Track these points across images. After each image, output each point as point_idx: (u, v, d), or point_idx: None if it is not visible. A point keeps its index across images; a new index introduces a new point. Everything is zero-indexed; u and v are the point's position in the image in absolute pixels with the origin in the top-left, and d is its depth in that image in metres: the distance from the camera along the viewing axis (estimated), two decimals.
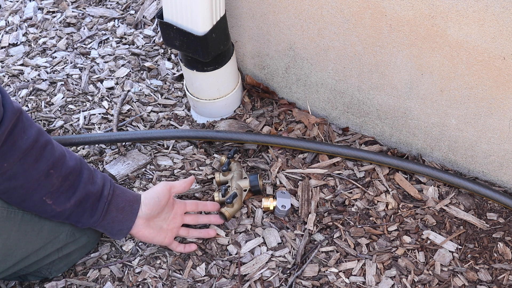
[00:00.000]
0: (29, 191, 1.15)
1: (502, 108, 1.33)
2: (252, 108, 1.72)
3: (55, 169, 1.15)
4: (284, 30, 1.54)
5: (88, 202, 1.21)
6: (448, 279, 1.35)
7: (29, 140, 1.12)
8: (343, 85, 1.56)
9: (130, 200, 1.27)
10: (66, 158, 1.18)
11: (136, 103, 1.75)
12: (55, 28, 2.00)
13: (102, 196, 1.22)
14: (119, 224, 1.26)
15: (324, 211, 1.47)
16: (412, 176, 1.54)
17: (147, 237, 1.31)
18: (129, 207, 1.26)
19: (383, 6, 1.31)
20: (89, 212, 1.22)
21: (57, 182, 1.16)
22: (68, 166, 1.18)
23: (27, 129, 1.12)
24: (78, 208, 1.20)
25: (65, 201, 1.18)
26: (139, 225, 1.28)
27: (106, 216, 1.24)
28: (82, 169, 1.20)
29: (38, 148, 1.13)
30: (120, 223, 1.26)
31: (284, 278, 1.36)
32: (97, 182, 1.22)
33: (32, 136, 1.12)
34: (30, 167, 1.13)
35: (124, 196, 1.26)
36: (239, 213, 1.47)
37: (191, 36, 1.44)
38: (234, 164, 1.52)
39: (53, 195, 1.17)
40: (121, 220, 1.26)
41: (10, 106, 1.08)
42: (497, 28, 1.19)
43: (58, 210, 1.19)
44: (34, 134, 1.13)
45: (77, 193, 1.19)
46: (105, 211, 1.23)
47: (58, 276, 1.38)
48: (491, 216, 1.45)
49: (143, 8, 2.02)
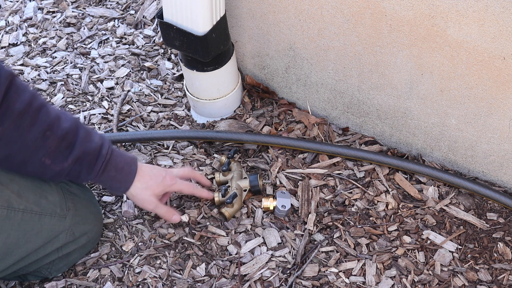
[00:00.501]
0: (27, 154, 1.16)
1: (502, 108, 1.33)
2: (252, 108, 1.72)
3: (52, 131, 1.16)
4: (284, 30, 1.54)
5: (86, 159, 1.22)
6: (448, 279, 1.35)
7: (23, 103, 1.12)
8: (343, 85, 1.56)
9: (128, 162, 1.30)
10: (61, 119, 1.19)
11: (136, 103, 1.75)
12: (55, 28, 2.00)
13: (100, 155, 1.24)
14: (117, 183, 1.30)
15: (324, 211, 1.47)
16: (412, 176, 1.54)
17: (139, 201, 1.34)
18: (128, 168, 1.30)
19: (383, 6, 1.31)
20: (87, 169, 1.24)
21: (54, 143, 1.17)
22: (64, 127, 1.19)
23: (20, 93, 1.12)
24: (76, 166, 1.22)
25: (63, 160, 1.20)
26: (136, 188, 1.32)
27: (103, 174, 1.26)
28: (78, 129, 1.21)
29: (33, 111, 1.14)
30: (118, 182, 1.30)
31: (284, 278, 1.36)
32: (95, 141, 1.24)
33: (26, 99, 1.13)
34: (26, 130, 1.14)
35: (123, 157, 1.29)
36: (239, 213, 1.47)
37: (191, 36, 1.44)
38: (234, 164, 1.52)
39: (51, 155, 1.18)
40: (119, 180, 1.29)
41: (2, 71, 1.08)
42: (497, 28, 1.19)
43: (57, 169, 1.21)
44: (28, 97, 1.13)
45: (74, 151, 1.20)
46: (102, 169, 1.25)
47: (58, 276, 1.37)
48: (491, 216, 1.45)
49: (143, 8, 2.02)
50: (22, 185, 1.25)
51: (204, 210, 1.48)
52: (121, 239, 1.44)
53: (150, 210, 1.37)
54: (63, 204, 1.31)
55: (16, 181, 1.24)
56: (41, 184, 1.29)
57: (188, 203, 1.50)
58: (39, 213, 1.26)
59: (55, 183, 1.33)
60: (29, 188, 1.26)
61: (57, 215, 1.29)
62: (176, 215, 1.41)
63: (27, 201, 1.24)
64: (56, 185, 1.32)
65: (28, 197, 1.24)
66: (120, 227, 1.47)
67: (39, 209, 1.25)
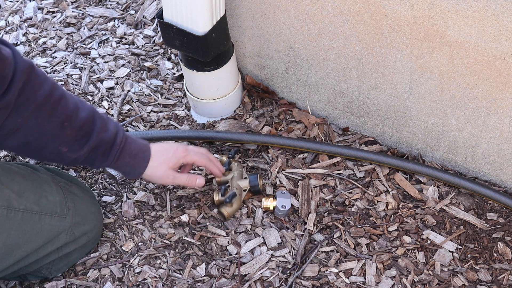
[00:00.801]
0: (45, 142, 1.19)
1: (502, 108, 1.33)
2: (252, 108, 1.72)
3: (69, 121, 1.19)
4: (284, 30, 1.54)
5: (102, 148, 1.25)
6: (448, 279, 1.35)
7: (43, 95, 1.15)
8: (343, 85, 1.56)
9: (141, 148, 1.33)
10: (79, 110, 1.21)
11: (136, 103, 1.75)
12: (55, 28, 2.00)
13: (115, 143, 1.26)
14: (131, 168, 1.32)
15: (324, 211, 1.47)
16: (412, 176, 1.54)
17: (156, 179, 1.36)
18: (142, 154, 1.32)
19: (383, 6, 1.31)
20: (102, 157, 1.27)
21: (72, 133, 1.20)
22: (81, 117, 1.21)
23: (40, 85, 1.15)
24: (91, 154, 1.25)
25: (79, 149, 1.22)
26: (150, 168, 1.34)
27: (118, 161, 1.29)
28: (95, 118, 1.24)
29: (52, 103, 1.16)
30: (132, 167, 1.32)
31: (284, 278, 1.36)
32: (110, 129, 1.26)
33: (47, 91, 1.15)
34: (44, 121, 1.16)
35: (136, 144, 1.32)
36: (239, 213, 1.47)
37: (191, 36, 1.44)
38: (235, 164, 1.52)
39: (68, 144, 1.21)
40: (133, 165, 1.32)
41: (21, 63, 1.10)
42: (497, 28, 1.19)
43: (73, 156, 1.23)
44: (48, 89, 1.16)
45: (91, 141, 1.23)
46: (117, 156, 1.28)
47: (58, 276, 1.37)
48: (491, 216, 1.45)
49: (143, 8, 2.02)
50: (22, 185, 1.25)
51: (204, 210, 1.48)
52: (121, 239, 1.44)
53: (170, 183, 1.38)
54: (63, 204, 1.31)
55: (16, 181, 1.24)
56: (41, 184, 1.29)
57: (188, 203, 1.50)
58: (39, 213, 1.26)
59: (55, 184, 1.33)
60: (29, 188, 1.26)
61: (57, 215, 1.29)
62: (199, 178, 1.40)
63: (27, 201, 1.24)
64: (56, 185, 1.32)
65: (28, 197, 1.24)
66: (120, 227, 1.47)
67: (39, 209, 1.26)
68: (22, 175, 1.27)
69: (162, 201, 1.52)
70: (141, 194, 1.52)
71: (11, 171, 1.26)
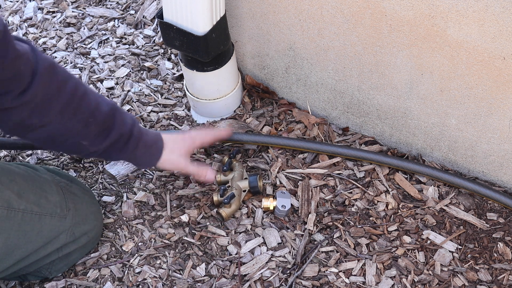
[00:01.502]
0: (68, 137, 1.20)
1: (502, 108, 1.33)
2: (252, 108, 1.72)
3: (93, 117, 1.20)
4: (284, 30, 1.54)
5: (120, 141, 1.26)
6: (448, 279, 1.35)
7: (68, 93, 1.15)
8: (343, 85, 1.56)
9: (155, 138, 1.34)
10: (100, 105, 1.22)
11: (136, 103, 1.75)
12: (55, 28, 2.00)
13: (132, 136, 1.27)
14: (146, 158, 1.33)
15: (324, 211, 1.47)
16: (412, 176, 1.54)
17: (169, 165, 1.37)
18: (155, 145, 1.33)
19: (383, 6, 1.31)
20: (119, 150, 1.27)
21: (95, 128, 1.21)
22: (103, 112, 1.22)
23: (64, 83, 1.15)
24: (110, 147, 1.25)
25: (100, 143, 1.23)
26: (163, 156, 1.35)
27: (133, 153, 1.29)
28: (115, 113, 1.24)
29: (76, 100, 1.17)
30: (147, 157, 1.33)
31: (284, 278, 1.36)
32: (128, 122, 1.27)
33: (70, 89, 1.15)
34: (70, 118, 1.17)
35: (150, 135, 1.33)
36: (239, 213, 1.47)
37: (191, 36, 1.44)
38: (236, 164, 1.52)
39: (90, 139, 1.22)
40: (149, 155, 1.33)
41: (42, 61, 1.10)
42: (497, 28, 1.19)
43: (92, 150, 1.24)
44: (71, 87, 1.16)
45: (111, 135, 1.23)
46: (133, 149, 1.28)
47: (58, 276, 1.38)
48: (491, 216, 1.45)
49: (143, 8, 2.02)
50: (23, 186, 1.25)
51: (204, 210, 1.48)
52: (121, 239, 1.44)
53: (181, 169, 1.38)
54: (63, 204, 1.31)
55: (16, 182, 1.24)
56: (41, 184, 1.29)
57: (188, 203, 1.50)
58: (39, 213, 1.26)
59: (55, 184, 1.33)
60: (29, 188, 1.26)
61: (57, 215, 1.29)
62: (210, 171, 1.41)
63: (27, 202, 1.24)
64: (56, 185, 1.32)
65: (28, 198, 1.24)
66: (120, 227, 1.47)
67: (39, 209, 1.26)
68: (22, 175, 1.27)
69: (162, 201, 1.52)
70: (141, 194, 1.52)
71: (11, 171, 1.26)
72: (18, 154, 1.64)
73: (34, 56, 1.09)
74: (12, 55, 1.03)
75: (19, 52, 1.05)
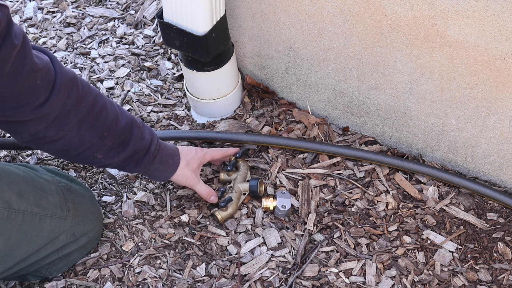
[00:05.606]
0: (82, 150, 1.21)
1: (502, 108, 1.33)
2: (252, 108, 1.72)
3: (109, 132, 1.21)
4: (284, 30, 1.54)
5: (136, 156, 1.27)
6: (448, 279, 1.35)
7: (86, 107, 1.16)
8: (343, 85, 1.56)
9: (172, 154, 1.35)
10: (118, 119, 1.23)
11: (136, 103, 1.75)
12: (55, 28, 2.00)
13: (148, 151, 1.29)
14: (161, 173, 1.36)
15: (324, 211, 1.47)
16: (412, 176, 1.54)
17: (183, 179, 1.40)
18: (171, 160, 1.35)
19: (383, 6, 1.31)
20: (135, 164, 1.29)
21: (110, 142, 1.22)
22: (120, 126, 1.23)
23: (83, 97, 1.16)
24: (125, 161, 1.27)
25: (115, 156, 1.25)
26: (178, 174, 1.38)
27: (149, 167, 1.31)
28: (133, 127, 1.25)
29: (94, 115, 1.18)
30: (161, 172, 1.36)
31: (284, 278, 1.36)
32: (146, 137, 1.28)
33: (89, 103, 1.17)
34: (86, 132, 1.18)
35: (167, 150, 1.34)
36: (239, 213, 1.47)
37: (191, 36, 1.44)
38: (242, 164, 1.52)
39: (104, 152, 1.23)
40: (162, 170, 1.35)
41: (61, 76, 1.10)
42: (497, 28, 1.19)
43: (106, 163, 1.26)
44: (90, 101, 1.17)
45: (127, 150, 1.25)
46: (149, 164, 1.30)
47: (58, 276, 1.38)
48: (491, 216, 1.45)
49: (143, 8, 2.02)
50: (23, 186, 1.25)
51: (204, 210, 1.48)
52: (121, 239, 1.44)
53: (191, 186, 1.41)
54: (63, 205, 1.31)
55: (16, 182, 1.24)
56: (41, 185, 1.29)
57: (188, 203, 1.50)
58: (39, 214, 1.26)
59: (55, 184, 1.33)
60: (30, 189, 1.26)
61: (57, 216, 1.29)
62: (214, 196, 1.44)
63: (28, 202, 1.24)
64: (56, 186, 1.32)
65: (28, 198, 1.24)
66: (120, 227, 1.47)
67: (39, 210, 1.26)
68: (22, 176, 1.27)
69: (162, 201, 1.52)
70: (141, 194, 1.52)
71: (11, 172, 1.26)
72: (18, 154, 1.64)
73: (54, 69, 1.09)
74: (28, 70, 1.02)
75: (36, 67, 1.04)
